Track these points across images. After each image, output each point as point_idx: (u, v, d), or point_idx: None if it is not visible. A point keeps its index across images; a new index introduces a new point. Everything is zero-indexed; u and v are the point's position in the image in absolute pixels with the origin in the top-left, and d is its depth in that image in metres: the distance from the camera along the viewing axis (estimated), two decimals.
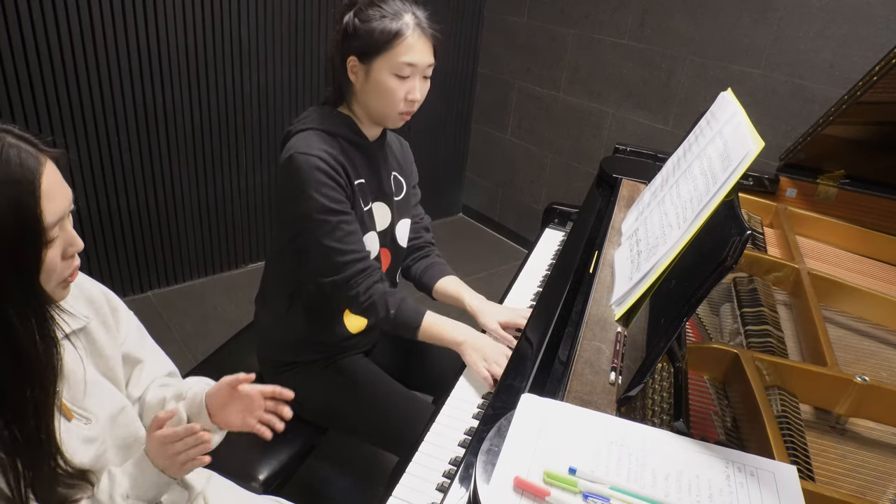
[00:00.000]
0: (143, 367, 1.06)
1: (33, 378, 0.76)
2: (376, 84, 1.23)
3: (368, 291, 1.28)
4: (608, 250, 1.32)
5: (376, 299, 1.28)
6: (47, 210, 0.73)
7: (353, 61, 1.24)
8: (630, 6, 2.72)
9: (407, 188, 1.46)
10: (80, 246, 0.79)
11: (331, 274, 1.27)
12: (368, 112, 1.30)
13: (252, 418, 0.99)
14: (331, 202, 1.22)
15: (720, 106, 1.18)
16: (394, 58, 1.21)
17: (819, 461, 0.90)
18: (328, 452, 1.97)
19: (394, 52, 1.21)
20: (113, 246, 2.60)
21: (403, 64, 1.21)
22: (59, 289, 0.79)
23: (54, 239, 0.75)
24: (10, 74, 2.11)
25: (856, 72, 2.06)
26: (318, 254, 1.26)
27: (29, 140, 0.74)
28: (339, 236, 1.24)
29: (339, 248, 1.24)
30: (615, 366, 0.98)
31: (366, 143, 1.33)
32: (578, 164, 3.15)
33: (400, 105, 1.25)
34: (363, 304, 1.28)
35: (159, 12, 2.34)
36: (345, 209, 1.25)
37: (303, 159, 1.20)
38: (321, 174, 1.21)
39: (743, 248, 0.75)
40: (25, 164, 0.71)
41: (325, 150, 1.23)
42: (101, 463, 0.89)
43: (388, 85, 1.23)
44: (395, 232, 1.42)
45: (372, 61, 1.22)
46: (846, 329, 1.22)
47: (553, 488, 0.71)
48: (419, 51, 1.22)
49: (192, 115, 2.59)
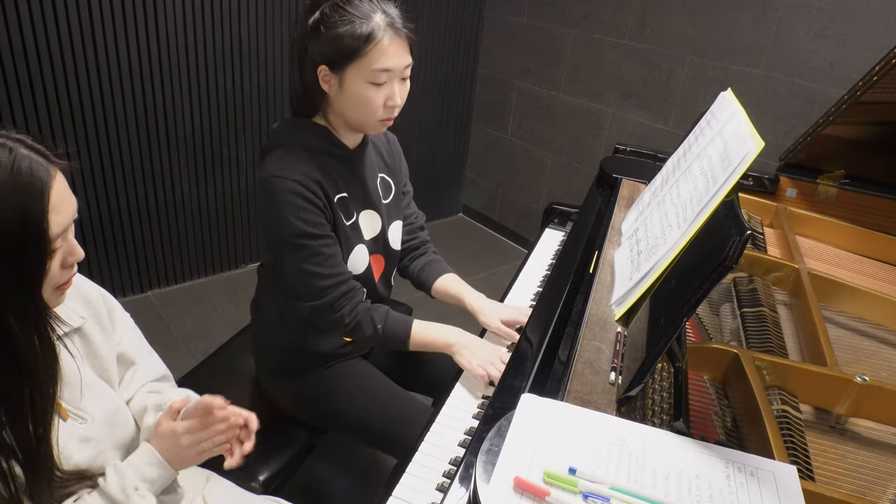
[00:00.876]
0: (136, 369, 1.05)
1: (32, 384, 0.76)
2: (351, 94, 1.16)
3: (353, 312, 1.25)
4: (608, 250, 1.32)
5: (361, 318, 1.26)
6: (53, 222, 0.73)
7: (324, 70, 1.16)
8: (630, 6, 2.72)
9: (396, 188, 1.43)
10: (80, 255, 0.79)
11: (312, 299, 1.24)
12: (346, 121, 1.23)
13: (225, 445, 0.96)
14: (309, 226, 1.18)
15: (720, 106, 1.18)
16: (367, 65, 1.13)
17: (819, 461, 0.90)
18: (328, 452, 1.97)
19: (366, 58, 1.12)
20: (113, 246, 2.60)
21: (378, 71, 1.13)
22: (54, 295, 0.79)
23: (56, 249, 0.75)
24: (10, 74, 2.11)
25: (856, 72, 2.06)
26: (298, 279, 1.22)
27: (41, 151, 0.74)
28: (318, 260, 1.21)
29: (319, 273, 1.21)
30: (615, 366, 0.97)
31: (345, 154, 1.27)
32: (578, 164, 3.15)
33: (379, 112, 1.18)
34: (349, 326, 1.26)
35: (159, 12, 2.34)
36: (324, 232, 1.21)
37: (279, 183, 1.16)
38: (298, 198, 1.16)
39: (743, 248, 0.75)
40: (37, 175, 0.71)
41: (302, 171, 1.18)
42: (98, 463, 0.89)
43: (364, 94, 1.15)
44: (388, 236, 1.40)
45: (344, 70, 1.14)
46: (846, 329, 1.22)
47: (553, 488, 0.71)
48: (393, 54, 1.14)
49: (193, 115, 2.59)
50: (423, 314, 1.84)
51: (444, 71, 3.35)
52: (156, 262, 2.75)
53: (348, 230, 1.29)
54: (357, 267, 1.33)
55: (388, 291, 1.49)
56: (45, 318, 0.77)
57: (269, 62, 2.71)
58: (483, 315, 1.38)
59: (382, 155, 1.42)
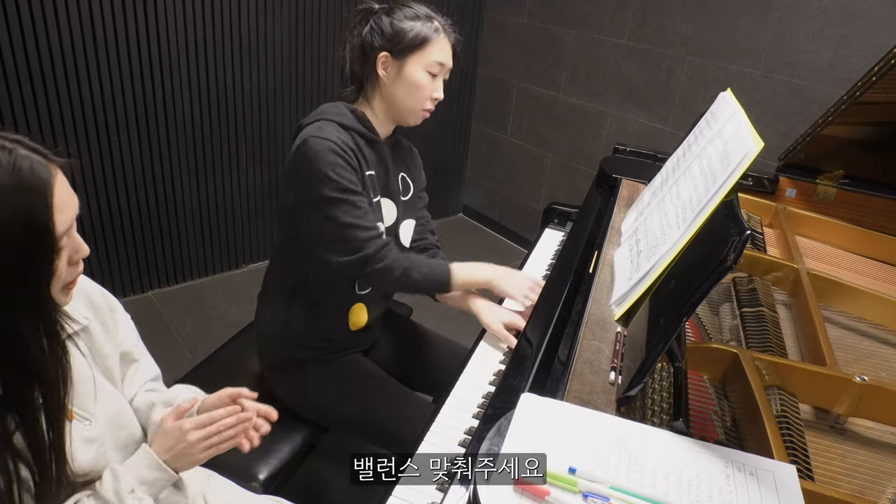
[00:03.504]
0: (139, 366, 1.06)
1: (43, 384, 0.76)
2: (408, 79, 1.28)
3: (398, 260, 1.30)
4: (608, 250, 1.32)
5: (407, 265, 1.31)
6: (58, 221, 0.73)
7: (384, 57, 1.28)
8: (630, 6, 2.72)
9: (414, 190, 1.48)
10: (85, 252, 0.79)
11: (356, 251, 1.27)
12: (392, 107, 1.33)
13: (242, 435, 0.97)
14: (347, 182, 1.24)
15: (720, 106, 1.18)
16: (428, 56, 1.28)
17: (818, 461, 0.90)
18: (328, 452, 1.97)
19: (428, 50, 1.28)
20: (113, 246, 2.60)
21: (436, 62, 1.29)
22: (62, 294, 0.79)
23: (62, 248, 0.75)
24: (10, 71, 2.11)
25: (855, 72, 2.06)
26: (338, 232, 1.25)
27: (40, 151, 0.74)
28: (359, 214, 1.25)
29: (360, 225, 1.25)
30: (615, 366, 0.98)
31: (377, 140, 1.35)
32: (578, 164, 3.15)
33: (426, 102, 1.31)
34: (396, 272, 1.29)
35: (159, 10, 2.34)
36: (360, 190, 1.27)
37: (317, 142, 1.22)
38: (336, 156, 1.23)
39: (742, 249, 0.75)
40: (38, 175, 0.71)
41: (339, 137, 1.25)
42: (101, 463, 0.89)
43: (420, 81, 1.28)
44: (399, 231, 1.43)
45: (406, 57, 1.28)
46: (846, 329, 1.22)
47: (553, 488, 0.71)
48: (447, 52, 1.31)
49: (193, 113, 2.59)
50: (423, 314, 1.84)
51: None
52: (156, 262, 2.75)
53: (374, 206, 1.33)
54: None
55: None
56: (55, 318, 0.77)
57: (270, 60, 2.71)
58: (485, 316, 1.39)
59: (405, 160, 1.48)
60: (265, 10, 2.60)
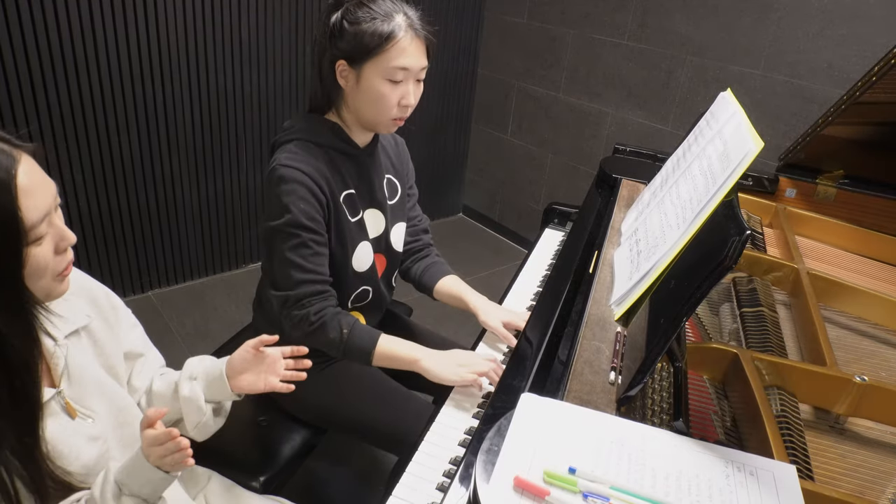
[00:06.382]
0: (146, 358, 1.07)
1: (12, 377, 0.75)
2: (368, 89, 1.19)
3: (321, 312, 1.23)
4: (608, 250, 1.32)
5: (327, 320, 1.23)
6: (28, 207, 0.71)
7: (342, 65, 1.20)
8: (630, 6, 2.72)
9: (402, 190, 1.44)
10: (72, 239, 0.78)
11: (284, 289, 1.22)
12: (359, 118, 1.25)
13: (274, 377, 1.03)
14: (305, 217, 1.19)
15: (720, 106, 1.18)
16: (386, 62, 1.16)
17: (818, 461, 0.90)
18: (328, 452, 1.97)
19: (385, 55, 1.16)
20: (114, 246, 2.60)
21: (396, 68, 1.16)
22: (55, 283, 0.78)
23: (43, 236, 0.74)
24: (10, 72, 2.11)
25: (855, 72, 2.06)
26: (279, 266, 1.22)
27: (2, 137, 0.72)
28: (304, 253, 1.20)
29: (300, 265, 1.20)
30: (615, 366, 0.98)
31: (355, 152, 1.29)
32: (578, 164, 3.15)
33: (393, 111, 1.21)
34: (313, 325, 1.22)
35: (160, 11, 2.34)
36: (318, 228, 1.21)
37: (286, 172, 1.18)
38: (302, 188, 1.18)
39: (742, 249, 0.75)
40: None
41: (311, 164, 1.20)
42: (104, 461, 0.89)
43: (380, 90, 1.18)
44: (390, 237, 1.41)
45: (362, 65, 1.17)
46: (845, 329, 1.22)
47: (553, 488, 0.71)
48: (412, 54, 1.17)
49: (193, 114, 2.59)
50: (423, 314, 1.84)
51: (444, 71, 3.35)
52: (156, 262, 2.75)
53: (353, 227, 1.30)
54: (361, 264, 1.33)
55: (390, 292, 1.50)
56: (29, 310, 0.75)
57: (270, 62, 2.71)
58: (484, 314, 1.39)
59: (390, 157, 1.43)
60: (265, 12, 2.60)
